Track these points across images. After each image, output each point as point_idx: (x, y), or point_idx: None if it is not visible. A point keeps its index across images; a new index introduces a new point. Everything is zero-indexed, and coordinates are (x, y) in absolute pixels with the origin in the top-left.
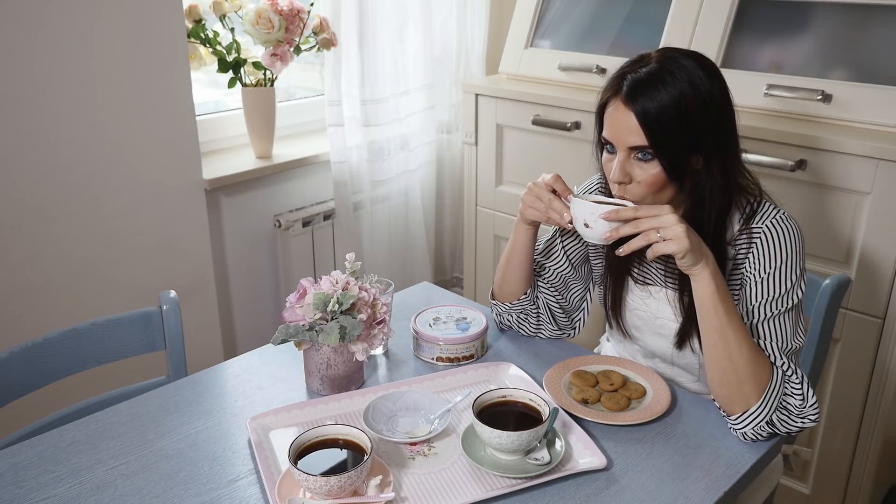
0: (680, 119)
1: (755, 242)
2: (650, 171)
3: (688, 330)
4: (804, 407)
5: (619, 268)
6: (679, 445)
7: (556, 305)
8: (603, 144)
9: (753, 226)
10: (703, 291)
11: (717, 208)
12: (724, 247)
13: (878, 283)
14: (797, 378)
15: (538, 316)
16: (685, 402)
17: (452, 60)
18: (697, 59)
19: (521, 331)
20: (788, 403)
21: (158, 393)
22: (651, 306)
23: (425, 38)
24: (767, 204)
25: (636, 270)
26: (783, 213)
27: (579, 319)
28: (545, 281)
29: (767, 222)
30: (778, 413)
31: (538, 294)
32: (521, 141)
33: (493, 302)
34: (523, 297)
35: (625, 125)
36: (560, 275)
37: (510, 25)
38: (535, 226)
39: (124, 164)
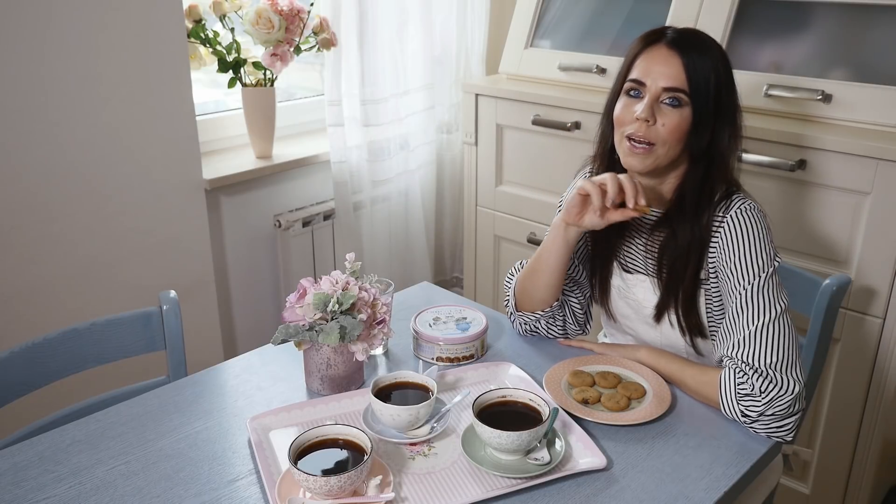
0: (715, 77)
1: (720, 231)
2: (676, 117)
3: (666, 302)
4: (767, 385)
5: (605, 251)
6: (679, 445)
7: (576, 301)
8: (622, 92)
9: (721, 215)
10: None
11: (721, 179)
12: (710, 225)
13: (878, 283)
14: (750, 368)
15: (563, 318)
16: (685, 402)
17: (452, 60)
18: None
19: (549, 336)
20: (744, 391)
21: (158, 393)
22: (638, 295)
23: (425, 38)
24: (738, 196)
25: (622, 255)
26: (748, 203)
27: (587, 313)
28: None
29: (732, 212)
30: (742, 404)
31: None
32: (521, 141)
33: (519, 313)
34: (555, 303)
35: (665, 66)
36: (571, 276)
37: (510, 25)
38: (579, 230)
39: (124, 164)
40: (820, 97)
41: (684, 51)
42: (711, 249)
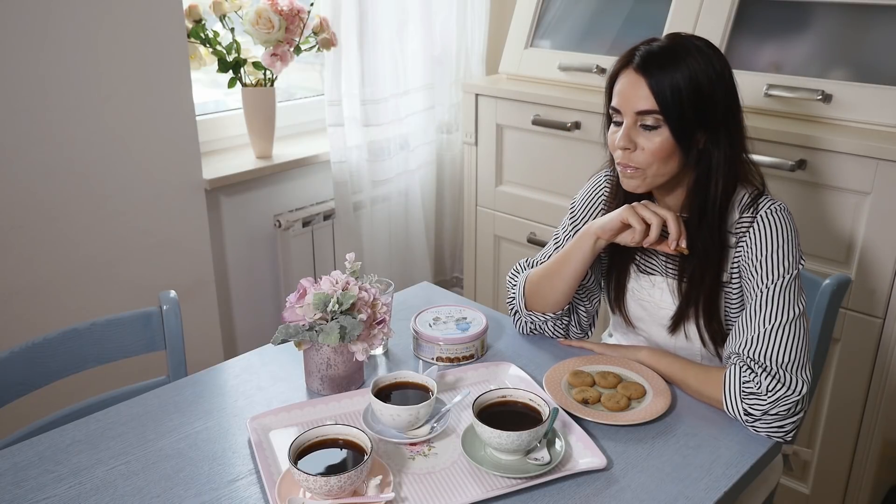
0: (690, 88)
1: (750, 231)
2: (655, 139)
3: (684, 313)
4: (774, 384)
5: (622, 255)
6: (679, 445)
7: (583, 308)
8: (610, 119)
9: (750, 216)
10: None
11: (721, 187)
12: (725, 232)
13: (878, 283)
14: (759, 366)
15: (569, 320)
16: (685, 402)
17: (452, 60)
18: (705, 41)
19: (554, 336)
20: (749, 388)
21: (158, 393)
22: (655, 296)
23: (425, 38)
24: (766, 197)
25: (639, 258)
26: (779, 204)
27: (592, 319)
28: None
29: (762, 212)
30: (746, 402)
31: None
32: (521, 141)
33: (528, 312)
34: (567, 306)
35: (634, 91)
36: (582, 283)
37: (510, 25)
38: (608, 242)
39: (124, 164)
40: (820, 97)
41: (648, 72)
42: (738, 251)
